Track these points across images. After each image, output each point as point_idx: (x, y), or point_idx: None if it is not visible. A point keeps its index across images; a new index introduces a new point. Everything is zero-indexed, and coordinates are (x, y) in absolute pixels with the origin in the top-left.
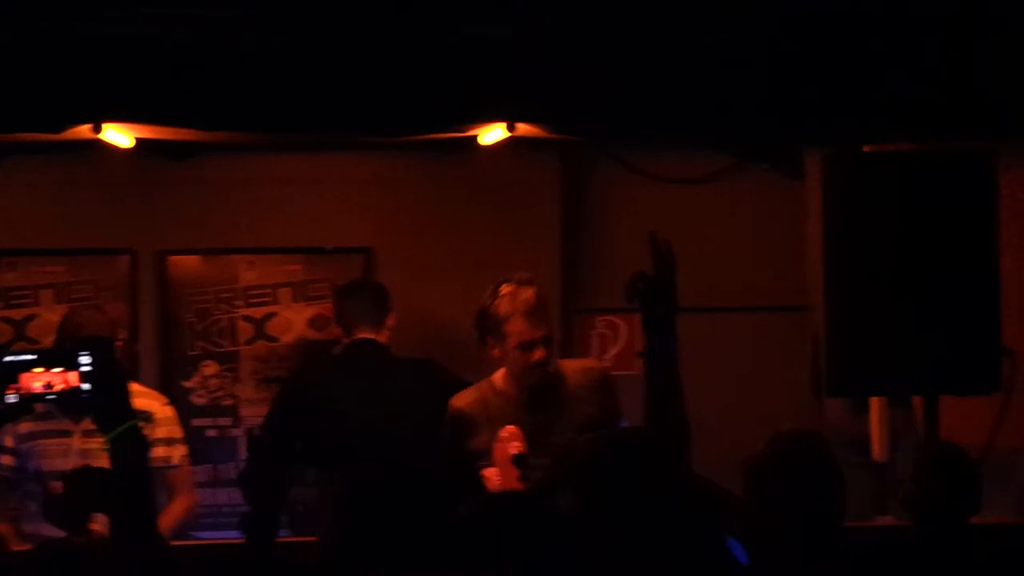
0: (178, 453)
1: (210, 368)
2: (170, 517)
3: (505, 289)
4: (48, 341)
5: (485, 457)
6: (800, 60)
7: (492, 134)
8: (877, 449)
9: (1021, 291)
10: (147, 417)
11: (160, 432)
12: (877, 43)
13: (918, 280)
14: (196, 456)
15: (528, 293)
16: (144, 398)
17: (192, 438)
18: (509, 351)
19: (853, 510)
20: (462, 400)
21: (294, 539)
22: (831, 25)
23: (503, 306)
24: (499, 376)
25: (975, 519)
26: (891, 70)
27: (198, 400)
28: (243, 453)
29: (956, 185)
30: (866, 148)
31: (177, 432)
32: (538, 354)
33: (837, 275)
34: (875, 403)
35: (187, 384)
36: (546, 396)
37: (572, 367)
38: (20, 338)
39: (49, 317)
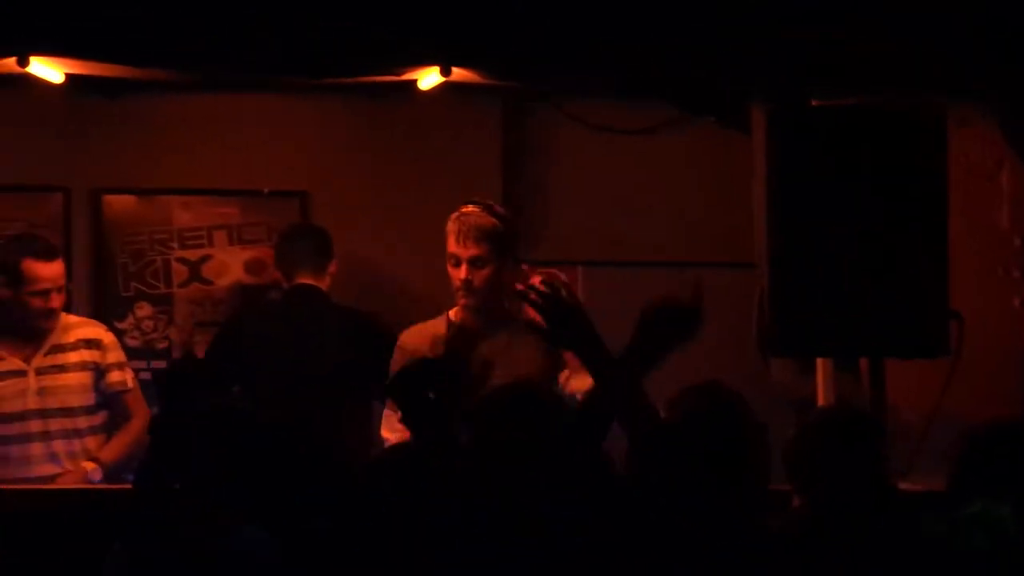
0: (130, 376)
1: (144, 310)
2: (131, 435)
3: (462, 208)
4: None
5: None
6: (747, 7)
7: (429, 79)
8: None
9: (969, 253)
10: (98, 344)
11: (111, 357)
12: None
13: (865, 239)
14: None
15: (466, 212)
16: (88, 327)
17: None
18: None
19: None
20: (409, 336)
21: None
22: None
23: (447, 225)
24: (455, 307)
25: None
26: (839, 21)
27: (132, 342)
28: None
29: (905, 142)
30: (813, 103)
31: (123, 356)
32: (462, 272)
33: (781, 232)
34: (821, 364)
35: (120, 325)
36: (498, 327)
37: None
38: None
39: None
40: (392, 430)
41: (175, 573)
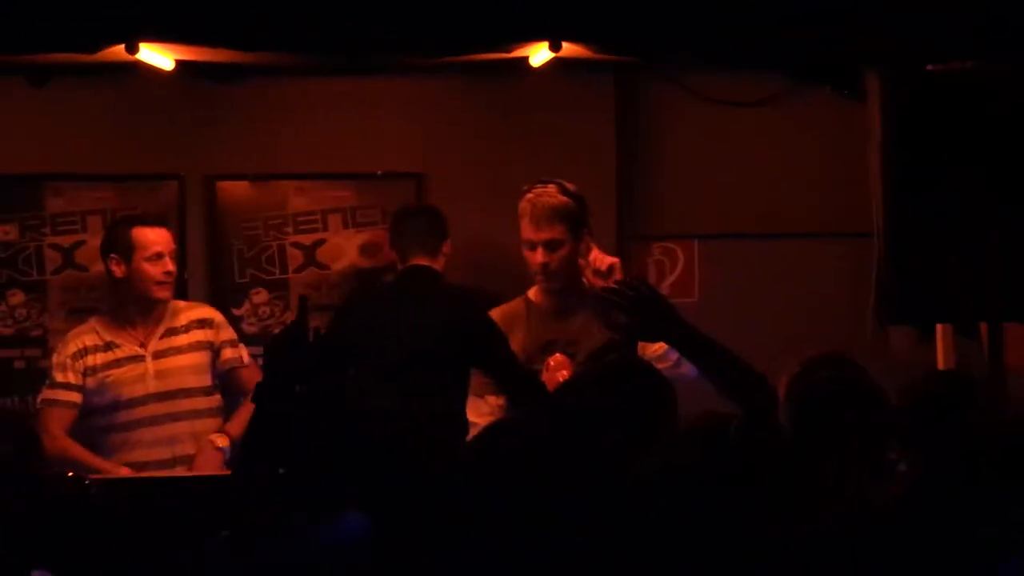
0: (245, 352)
1: (260, 296)
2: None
3: (531, 189)
4: (96, 268)
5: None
6: None
7: (540, 55)
8: None
9: None
10: (210, 323)
11: (223, 335)
12: None
13: (982, 204)
14: None
15: (539, 194)
16: (197, 308)
17: None
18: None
19: None
20: (496, 313)
21: None
22: None
23: (520, 207)
24: (534, 288)
25: None
26: None
27: (249, 328)
28: None
29: (1022, 105)
30: (929, 67)
31: (235, 334)
32: (538, 256)
33: (898, 200)
34: (940, 331)
35: (237, 312)
36: (576, 306)
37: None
38: (68, 265)
39: (96, 243)
40: (479, 415)
41: (278, 559)
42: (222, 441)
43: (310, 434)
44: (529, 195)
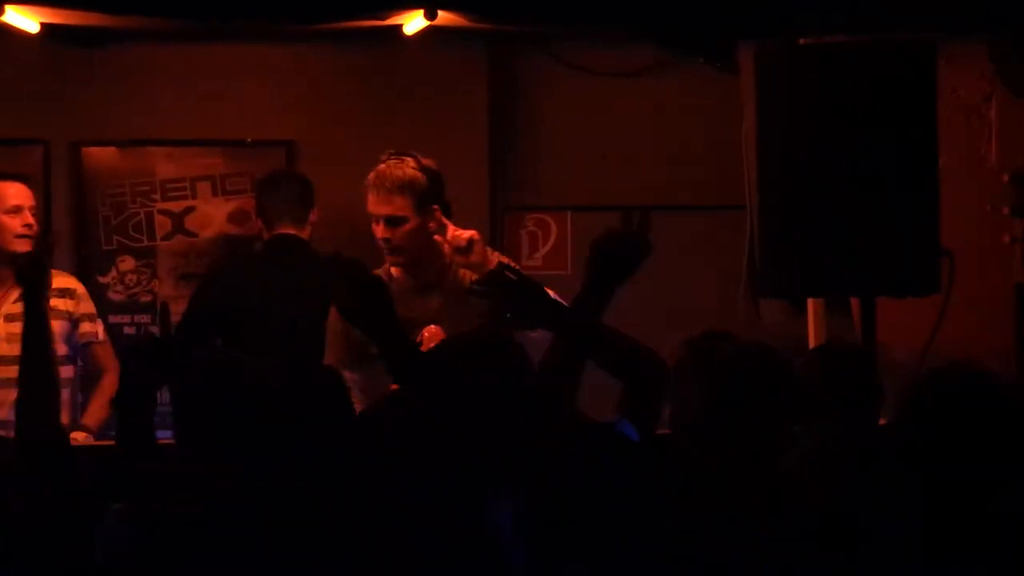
0: (101, 328)
1: (127, 263)
2: (107, 393)
3: (384, 160)
4: None
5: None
6: None
7: (414, 23)
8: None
9: (959, 189)
10: (72, 293)
11: (83, 308)
12: None
13: (854, 178)
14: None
15: (389, 166)
16: (61, 276)
17: (110, 335)
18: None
19: None
20: None
21: None
22: None
23: (367, 178)
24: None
25: None
26: None
27: (115, 296)
28: None
29: (894, 79)
30: (801, 41)
31: (94, 309)
32: (380, 231)
33: (771, 172)
34: (812, 305)
35: (103, 280)
36: (436, 284)
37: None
38: None
39: None
40: None
41: (182, 529)
42: (81, 436)
43: (204, 402)
44: (379, 167)
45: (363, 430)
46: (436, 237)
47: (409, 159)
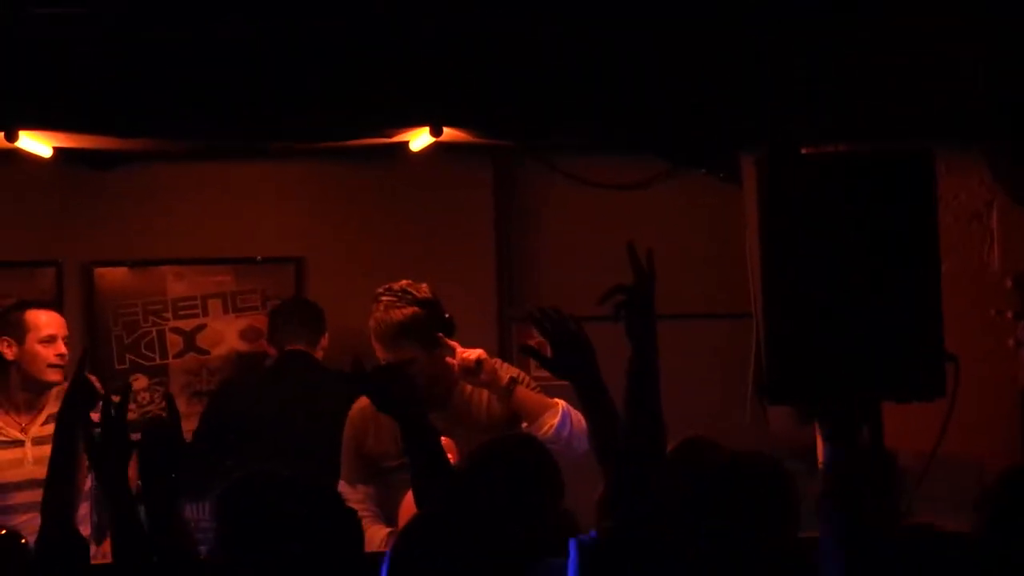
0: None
1: (140, 382)
2: None
3: (381, 302)
4: None
5: (386, 459)
6: (732, 61)
7: (420, 140)
8: (823, 457)
9: (962, 295)
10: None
11: None
12: (811, 42)
13: (858, 284)
14: None
15: (385, 308)
16: None
17: None
18: None
19: (801, 521)
20: (364, 401)
21: None
22: (764, 25)
23: (369, 324)
24: None
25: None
26: (826, 70)
27: (128, 415)
28: None
29: (895, 187)
30: (803, 150)
31: None
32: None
33: (775, 279)
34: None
35: (117, 399)
36: (443, 398)
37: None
38: None
39: None
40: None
41: None
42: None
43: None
44: (376, 312)
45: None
46: (446, 359)
47: (403, 294)
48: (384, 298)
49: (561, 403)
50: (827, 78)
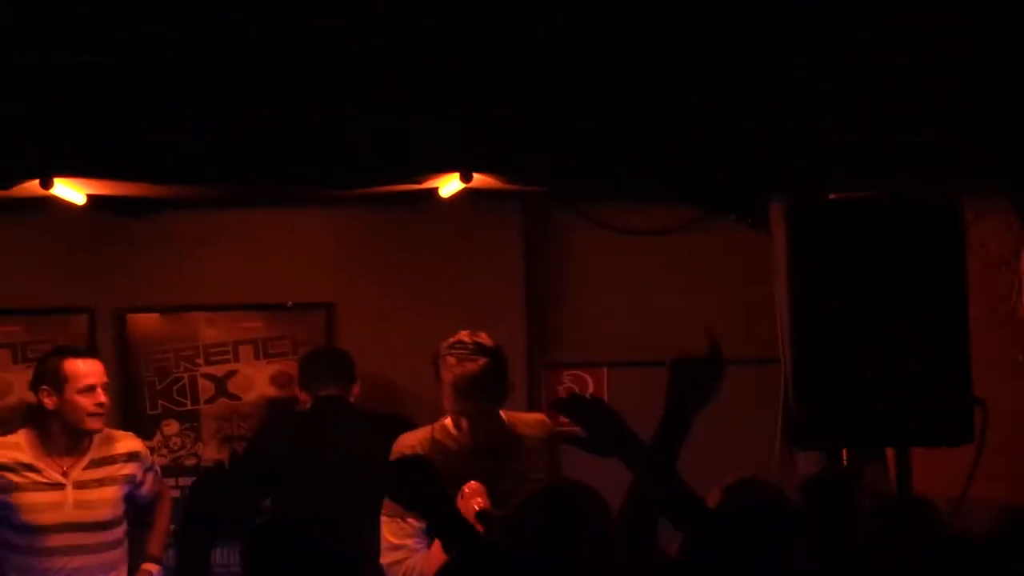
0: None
1: (171, 427)
2: (166, 516)
3: (453, 355)
4: (10, 399)
5: None
6: (760, 107)
7: (450, 186)
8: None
9: (990, 340)
10: (138, 456)
11: (147, 463)
12: (840, 89)
13: (887, 330)
14: None
15: (461, 367)
16: (130, 439)
17: None
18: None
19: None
20: (412, 439)
21: None
22: (793, 71)
23: (444, 371)
24: (451, 420)
25: None
26: (855, 117)
27: (160, 460)
28: None
29: (924, 233)
30: (832, 196)
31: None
32: (462, 424)
33: (804, 326)
34: (847, 457)
35: (149, 444)
36: (498, 447)
37: (524, 420)
38: None
39: (5, 376)
40: (401, 536)
41: None
42: (154, 568)
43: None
44: (450, 359)
45: None
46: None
47: (477, 347)
48: (455, 348)
49: None
50: (854, 124)
